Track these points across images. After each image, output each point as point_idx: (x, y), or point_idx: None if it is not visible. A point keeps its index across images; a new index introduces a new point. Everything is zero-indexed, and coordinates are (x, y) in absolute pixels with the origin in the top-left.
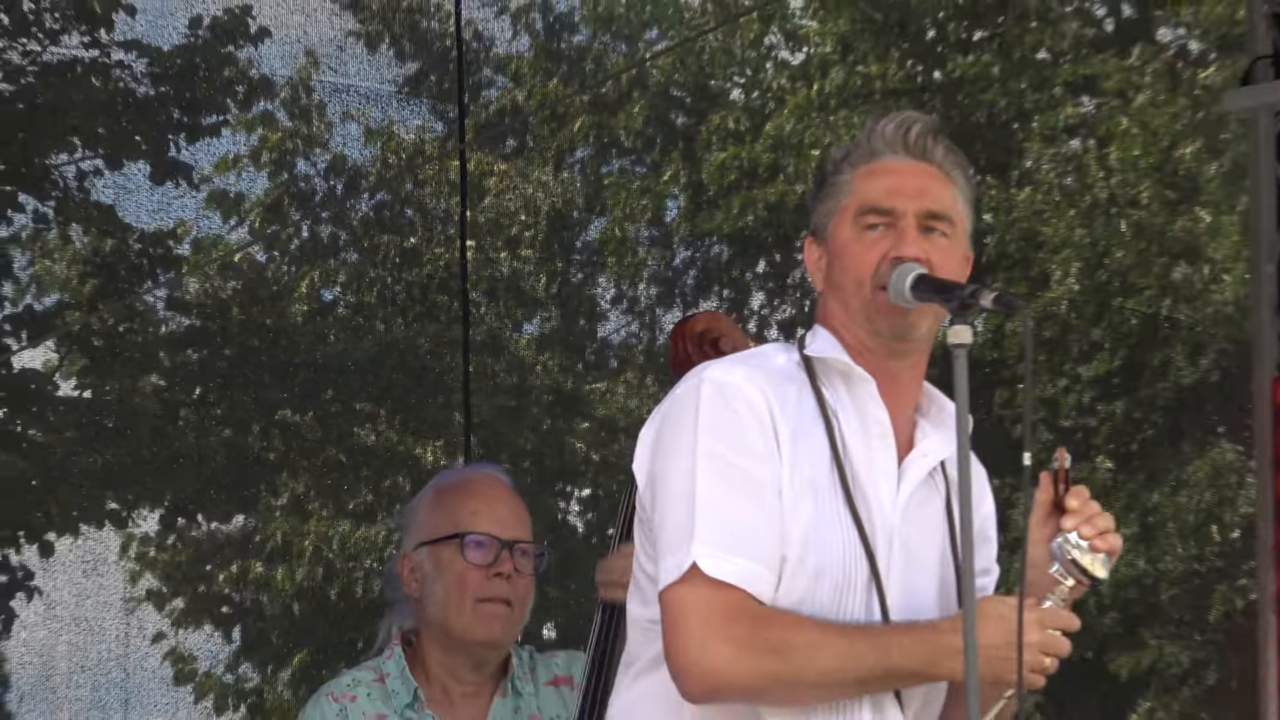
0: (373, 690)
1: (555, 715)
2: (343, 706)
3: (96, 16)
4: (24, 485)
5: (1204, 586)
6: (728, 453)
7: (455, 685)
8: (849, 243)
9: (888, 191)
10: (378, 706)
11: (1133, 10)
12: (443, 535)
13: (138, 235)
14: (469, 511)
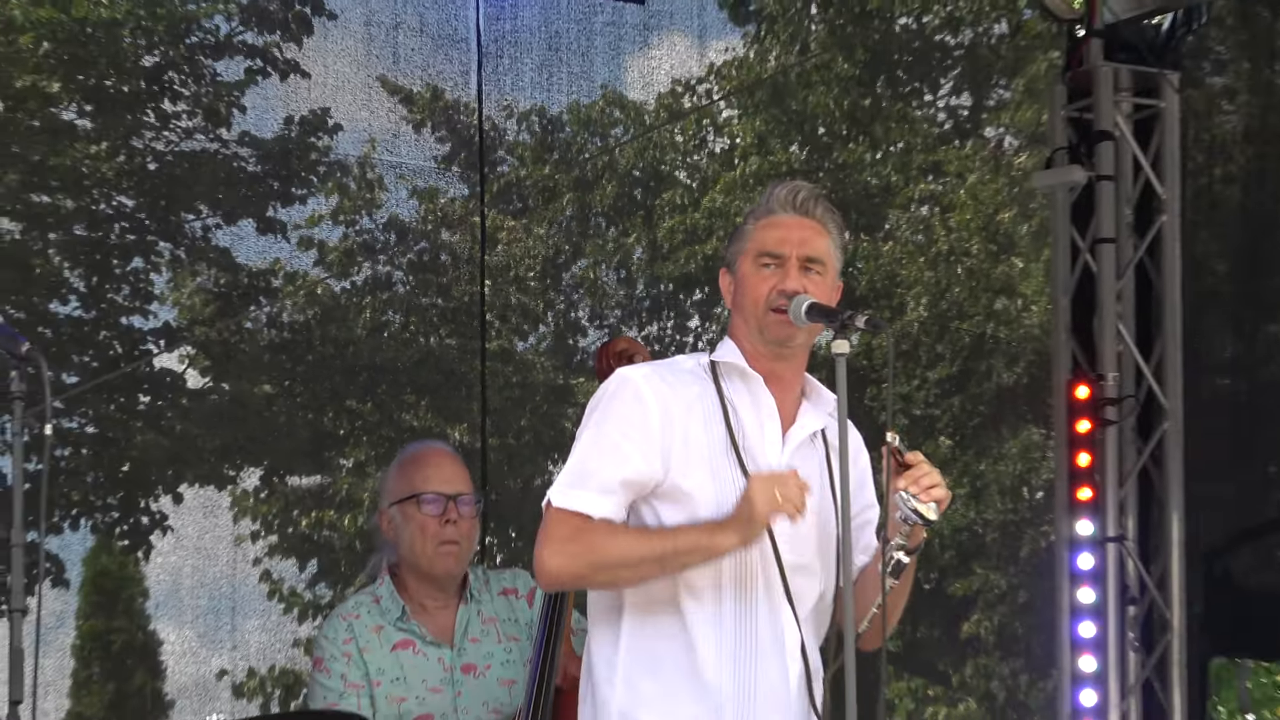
0: (371, 609)
1: (506, 617)
2: (350, 623)
3: (219, 116)
4: (163, 453)
5: (1017, 531)
6: (608, 427)
7: (430, 602)
8: (749, 275)
9: (778, 240)
10: (376, 620)
11: (966, 115)
12: (405, 496)
13: (246, 272)
14: (422, 477)
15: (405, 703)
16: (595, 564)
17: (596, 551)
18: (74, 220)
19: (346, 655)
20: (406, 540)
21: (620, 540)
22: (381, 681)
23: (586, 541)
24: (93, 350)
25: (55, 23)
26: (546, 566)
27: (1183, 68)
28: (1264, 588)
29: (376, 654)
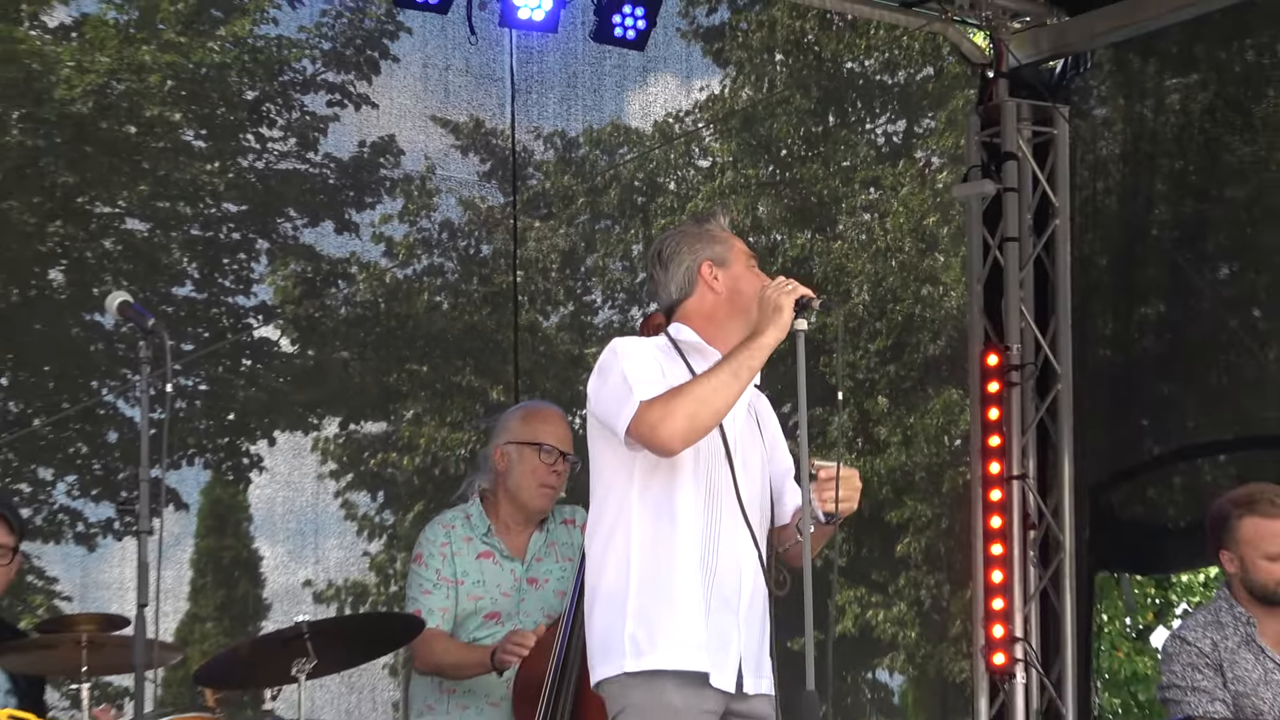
0: (463, 523)
1: (564, 542)
2: (447, 531)
3: (307, 140)
4: (260, 406)
5: (940, 471)
6: (634, 361)
7: (513, 525)
8: (745, 274)
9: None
10: (466, 532)
11: (899, 140)
12: (528, 440)
13: (326, 262)
14: (546, 430)
15: (480, 600)
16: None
17: (687, 396)
18: (191, 222)
19: (442, 555)
20: (515, 475)
21: (695, 383)
22: (465, 581)
23: (675, 398)
24: (205, 324)
25: (177, 65)
26: (663, 436)
27: (1071, 103)
28: (1136, 517)
29: (464, 559)
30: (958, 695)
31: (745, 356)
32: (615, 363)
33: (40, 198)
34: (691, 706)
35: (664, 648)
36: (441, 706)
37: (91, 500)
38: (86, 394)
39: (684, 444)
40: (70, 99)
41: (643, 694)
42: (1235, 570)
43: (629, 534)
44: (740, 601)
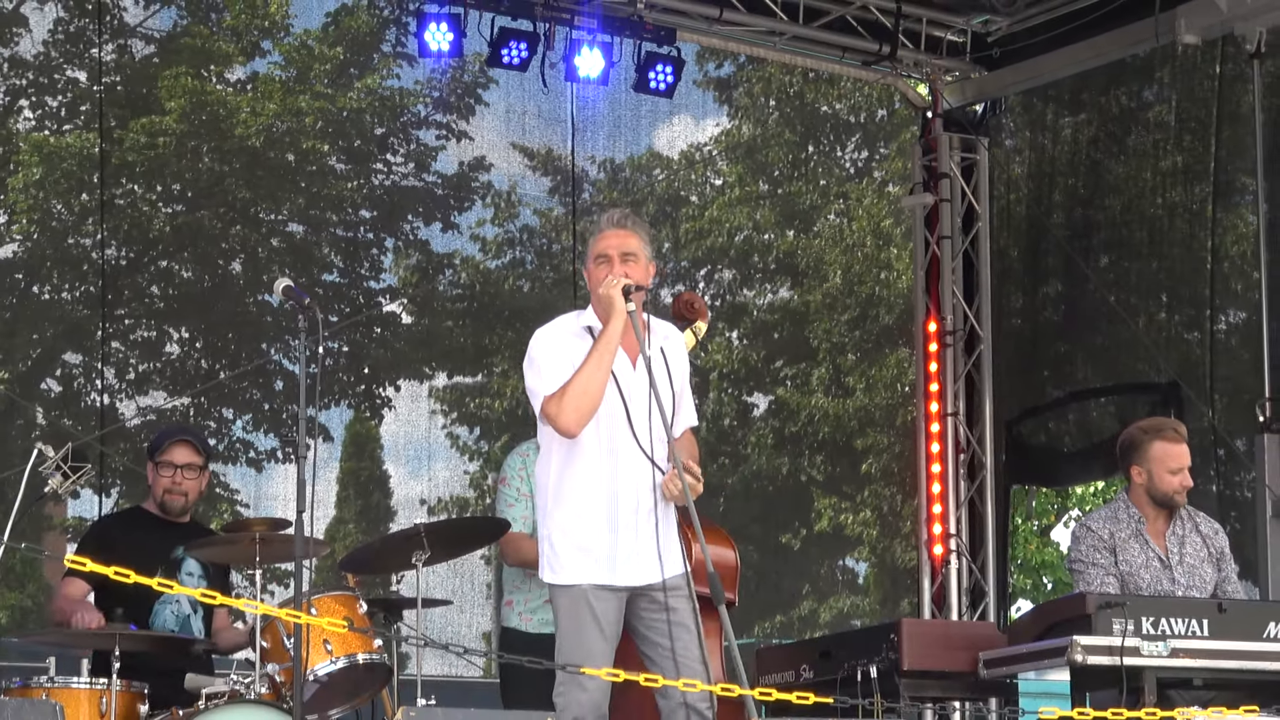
0: (535, 450)
1: None
2: (523, 458)
3: (422, 164)
4: (387, 362)
5: (893, 409)
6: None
7: None
8: (593, 271)
9: (605, 246)
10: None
11: (863, 164)
12: None
13: (437, 254)
14: None
15: None
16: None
17: (571, 391)
18: (336, 226)
19: (520, 476)
20: None
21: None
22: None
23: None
24: (346, 302)
25: (326, 109)
26: (561, 426)
27: (990, 135)
28: (1041, 444)
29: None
30: (908, 577)
31: (602, 345)
32: (534, 358)
33: (224, 208)
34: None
35: (568, 568)
36: (525, 586)
37: (261, 433)
38: (259, 354)
39: (580, 428)
40: (246, 135)
41: (565, 598)
42: (1142, 481)
43: (550, 469)
44: (643, 510)
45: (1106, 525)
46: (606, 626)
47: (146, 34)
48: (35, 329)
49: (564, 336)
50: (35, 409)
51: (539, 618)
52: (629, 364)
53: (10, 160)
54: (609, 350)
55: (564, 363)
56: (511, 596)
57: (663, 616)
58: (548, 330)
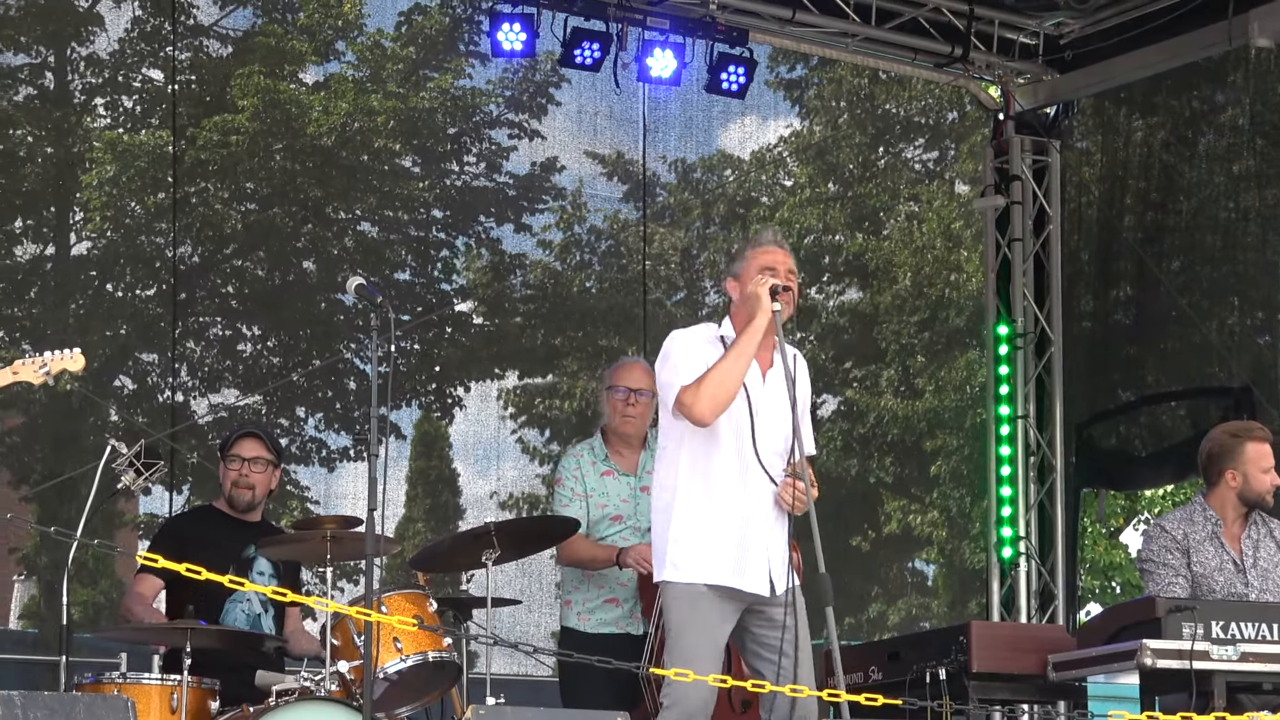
0: (588, 451)
1: None
2: (577, 460)
3: (493, 164)
4: (458, 362)
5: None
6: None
7: (623, 449)
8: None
9: (772, 260)
10: (591, 458)
11: (933, 165)
12: (609, 384)
13: (508, 255)
14: (622, 375)
15: (605, 508)
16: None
17: (709, 381)
18: (408, 225)
19: (575, 477)
20: (606, 412)
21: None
22: (594, 495)
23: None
24: (418, 301)
25: (398, 109)
26: (696, 414)
27: (1062, 138)
28: (1111, 448)
29: (591, 478)
30: (976, 579)
31: (745, 338)
32: (671, 354)
33: (297, 207)
34: (716, 608)
35: (693, 566)
36: (584, 586)
37: (333, 432)
38: (331, 353)
39: (713, 416)
40: (319, 134)
41: (681, 597)
42: (1237, 484)
43: (677, 472)
44: (765, 522)
45: (1181, 526)
46: (718, 629)
47: (221, 33)
48: (109, 326)
49: (700, 341)
50: (109, 406)
51: (597, 617)
52: (759, 376)
53: (85, 158)
54: (751, 343)
55: (699, 362)
56: (570, 596)
57: (775, 631)
58: (685, 332)
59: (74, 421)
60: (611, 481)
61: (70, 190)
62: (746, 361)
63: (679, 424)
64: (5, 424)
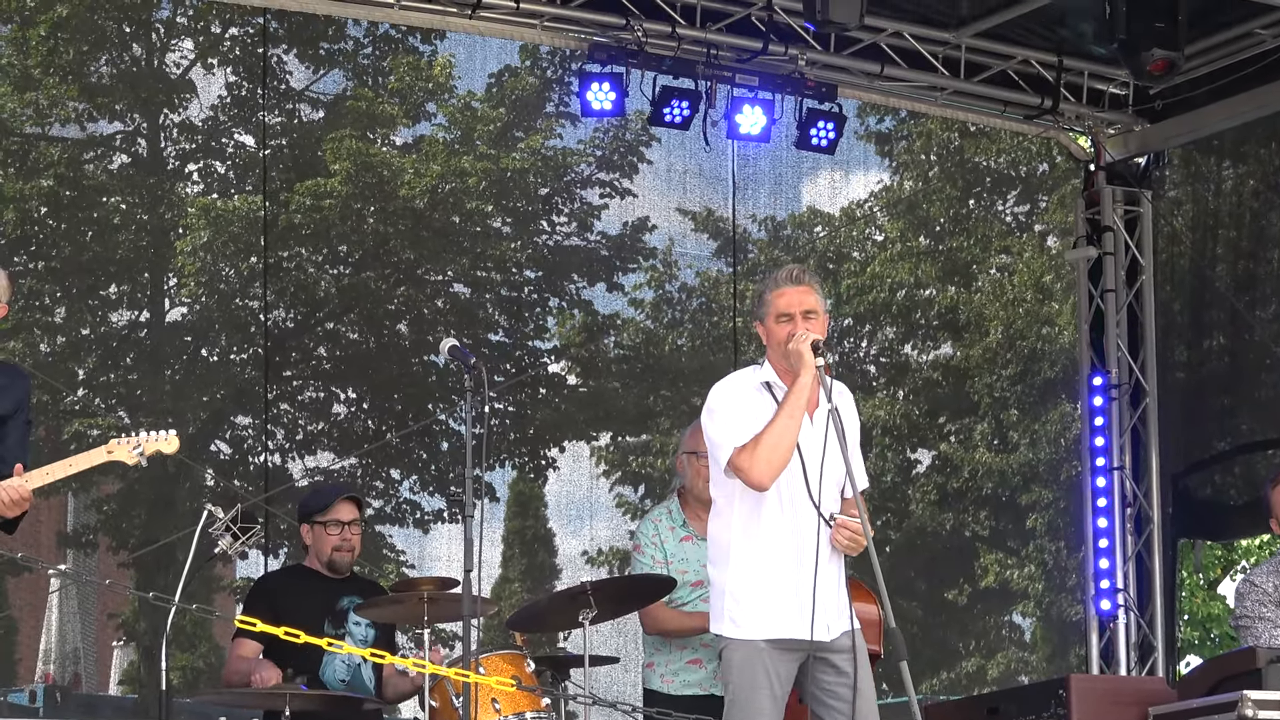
0: (665, 516)
1: None
2: (655, 525)
3: (585, 223)
4: (552, 423)
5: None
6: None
7: (702, 513)
8: (774, 329)
9: (787, 304)
10: (670, 523)
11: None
12: (690, 450)
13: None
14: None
15: (686, 574)
16: (769, 449)
17: (763, 444)
18: (500, 286)
19: (654, 543)
20: (689, 476)
21: (767, 431)
22: (674, 561)
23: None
24: (511, 362)
25: (490, 170)
26: (753, 479)
27: (1153, 188)
28: (1207, 498)
29: (670, 543)
30: (1074, 632)
31: (793, 399)
32: (715, 410)
33: (389, 269)
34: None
35: (751, 622)
36: (666, 649)
37: (428, 494)
38: (425, 414)
39: (771, 480)
40: (411, 196)
41: (739, 653)
42: None
43: (730, 527)
44: (818, 570)
45: (1270, 578)
46: (778, 685)
47: (312, 98)
48: (203, 391)
49: (744, 391)
50: (204, 471)
51: (680, 679)
52: (806, 419)
53: (179, 224)
54: (800, 404)
55: (747, 416)
56: (652, 659)
57: (837, 678)
58: (727, 384)
59: (171, 487)
60: (691, 547)
61: (165, 256)
62: (798, 422)
63: (731, 481)
64: (103, 491)
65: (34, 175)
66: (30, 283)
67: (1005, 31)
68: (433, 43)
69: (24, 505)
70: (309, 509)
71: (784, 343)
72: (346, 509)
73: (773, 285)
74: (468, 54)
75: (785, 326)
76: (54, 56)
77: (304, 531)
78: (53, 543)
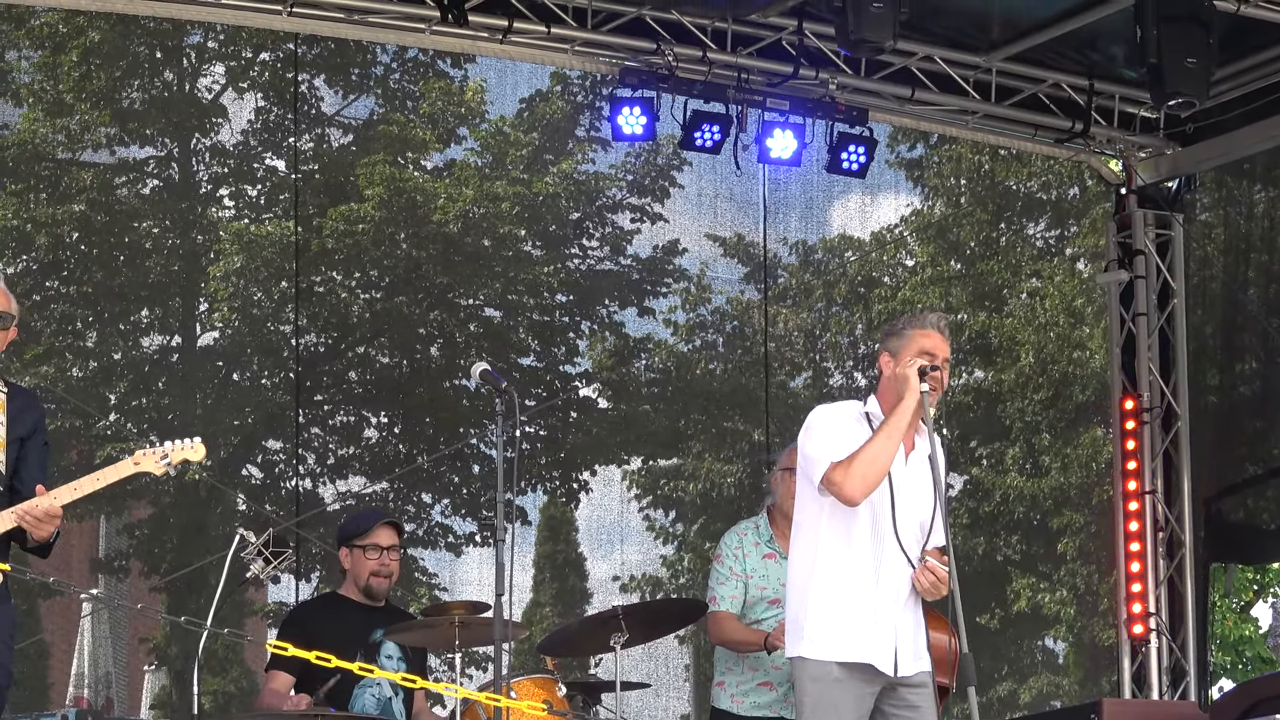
0: (752, 531)
1: None
2: (740, 538)
3: (617, 246)
4: (583, 447)
5: (1089, 488)
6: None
7: (786, 530)
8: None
9: (933, 346)
10: (754, 538)
11: (1054, 241)
12: (785, 467)
13: (631, 339)
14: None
15: (765, 590)
16: (865, 465)
17: (860, 460)
18: (532, 310)
19: (735, 555)
20: (780, 494)
21: (864, 449)
22: (754, 576)
23: (852, 463)
24: (543, 386)
25: (522, 195)
26: (846, 493)
27: (1185, 212)
28: (1239, 521)
29: (753, 559)
30: (1107, 656)
31: (894, 420)
32: (815, 428)
33: (422, 294)
34: (850, 689)
35: (828, 643)
36: (738, 668)
37: (459, 517)
38: (456, 438)
39: (863, 496)
40: (444, 221)
41: (815, 675)
42: None
43: (816, 548)
44: (898, 603)
45: None
46: (849, 711)
47: (344, 123)
48: (235, 416)
49: (845, 417)
50: (236, 495)
51: (751, 700)
52: (902, 458)
53: (211, 249)
54: (901, 423)
55: (844, 437)
56: (723, 678)
57: (908, 713)
58: (829, 408)
59: (202, 512)
60: (773, 564)
61: (196, 281)
62: (896, 442)
63: (822, 500)
64: (134, 515)
65: (66, 200)
66: (62, 307)
67: (1036, 55)
68: (463, 67)
69: (55, 521)
70: (348, 533)
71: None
72: (386, 534)
73: (920, 324)
74: (499, 78)
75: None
76: (86, 82)
77: (342, 555)
78: (85, 568)
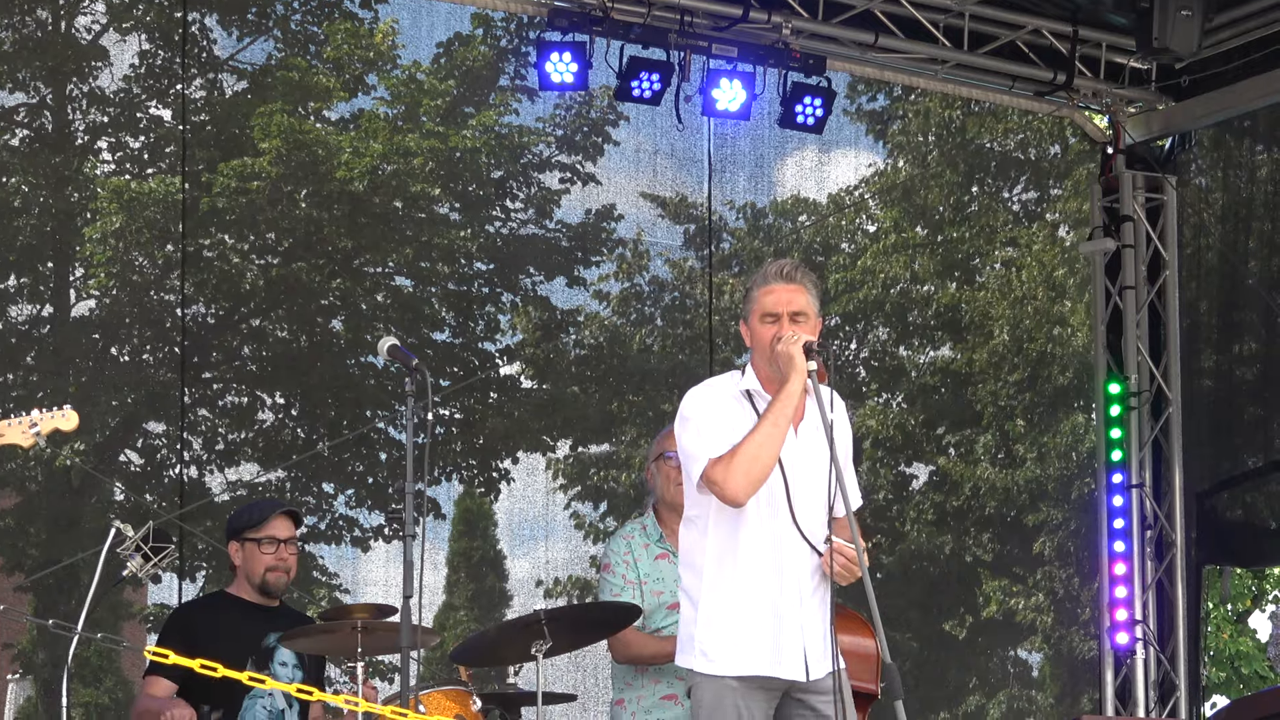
0: (640, 533)
1: None
2: (628, 542)
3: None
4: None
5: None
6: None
7: (676, 525)
8: (758, 329)
9: (774, 303)
10: (644, 540)
11: (1033, 205)
12: (658, 454)
13: (559, 312)
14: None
15: (661, 595)
16: (749, 460)
17: (742, 455)
18: (448, 279)
19: (625, 562)
20: (659, 485)
21: (747, 441)
22: (648, 581)
23: (734, 459)
24: (459, 364)
25: (437, 150)
26: (729, 493)
27: (1178, 174)
28: (1237, 519)
29: (644, 562)
30: (1088, 670)
31: (780, 406)
32: (690, 416)
33: (324, 260)
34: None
35: (724, 656)
36: (637, 684)
37: (365, 509)
38: (361, 422)
39: (747, 496)
40: (349, 178)
41: (709, 691)
42: None
43: (704, 548)
44: (802, 599)
45: None
46: None
47: (238, 68)
48: (113, 395)
49: (722, 398)
50: (113, 483)
51: (655, 717)
52: (791, 432)
53: (87, 207)
54: (786, 411)
55: (725, 426)
56: (622, 695)
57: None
58: (703, 390)
59: (74, 501)
60: (667, 565)
61: (70, 244)
62: (783, 433)
63: (706, 498)
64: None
65: None
66: None
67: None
68: (373, 7)
69: None
70: (240, 524)
71: (769, 346)
72: (283, 525)
73: (760, 281)
74: (413, 20)
75: (770, 328)
76: None
77: (233, 550)
78: None
